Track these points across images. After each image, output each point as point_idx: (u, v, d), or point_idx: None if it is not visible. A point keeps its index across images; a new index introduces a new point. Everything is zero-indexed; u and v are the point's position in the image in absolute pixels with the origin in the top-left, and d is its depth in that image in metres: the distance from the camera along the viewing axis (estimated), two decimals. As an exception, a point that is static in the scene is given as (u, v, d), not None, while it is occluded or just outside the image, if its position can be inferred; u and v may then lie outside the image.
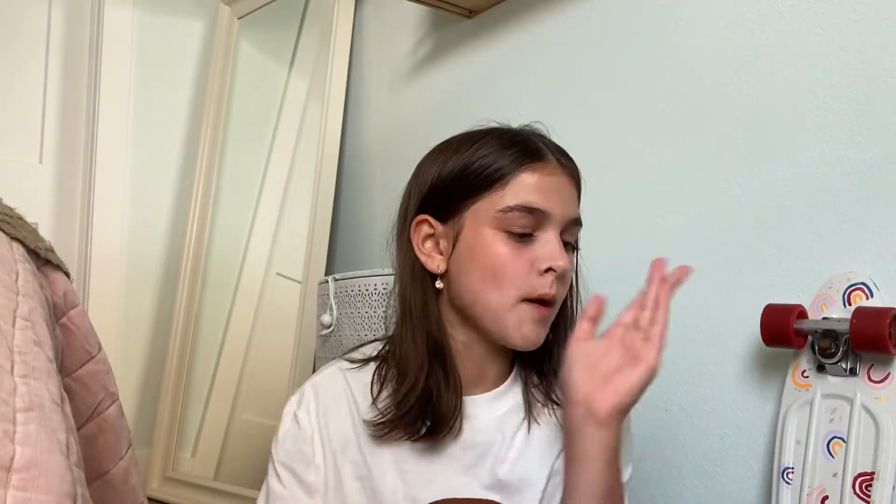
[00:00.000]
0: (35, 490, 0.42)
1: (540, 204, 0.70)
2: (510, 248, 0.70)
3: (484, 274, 0.71)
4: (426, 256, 0.74)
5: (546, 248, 0.70)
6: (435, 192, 0.74)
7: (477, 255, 0.71)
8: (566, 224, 0.72)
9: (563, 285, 0.72)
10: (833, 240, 0.86)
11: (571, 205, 0.73)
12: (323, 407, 0.76)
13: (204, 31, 2.07)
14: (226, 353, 1.86)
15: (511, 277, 0.70)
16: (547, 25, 1.24)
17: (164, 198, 2.01)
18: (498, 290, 0.70)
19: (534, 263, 0.70)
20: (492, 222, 0.71)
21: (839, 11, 0.87)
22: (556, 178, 0.72)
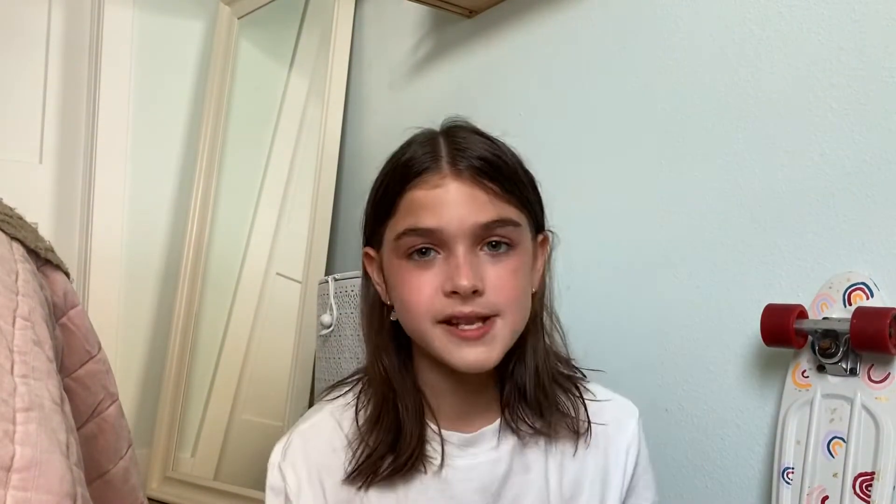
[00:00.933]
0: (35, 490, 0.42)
1: (428, 223, 0.64)
2: (414, 274, 0.66)
3: (400, 304, 0.68)
4: (380, 287, 0.71)
5: (449, 269, 0.65)
6: (365, 220, 0.72)
7: (394, 285, 0.68)
8: (475, 232, 0.65)
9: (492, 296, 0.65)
10: (833, 240, 0.86)
11: (474, 211, 0.65)
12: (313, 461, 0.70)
13: (204, 31, 2.07)
14: (226, 353, 1.86)
15: (419, 304, 0.65)
16: (547, 25, 1.24)
17: (164, 198, 2.01)
18: (414, 318, 0.67)
19: (439, 286, 0.65)
20: (394, 251, 0.67)
21: (839, 11, 0.87)
22: (445, 189, 0.65)
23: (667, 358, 1.03)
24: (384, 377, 0.70)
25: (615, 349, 1.09)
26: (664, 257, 1.04)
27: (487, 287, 0.65)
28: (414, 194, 0.66)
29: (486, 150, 0.67)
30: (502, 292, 0.66)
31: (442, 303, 0.65)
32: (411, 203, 0.66)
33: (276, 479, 0.70)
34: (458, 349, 0.65)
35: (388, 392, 0.69)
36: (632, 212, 1.09)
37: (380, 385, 0.70)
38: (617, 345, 1.09)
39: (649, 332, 1.05)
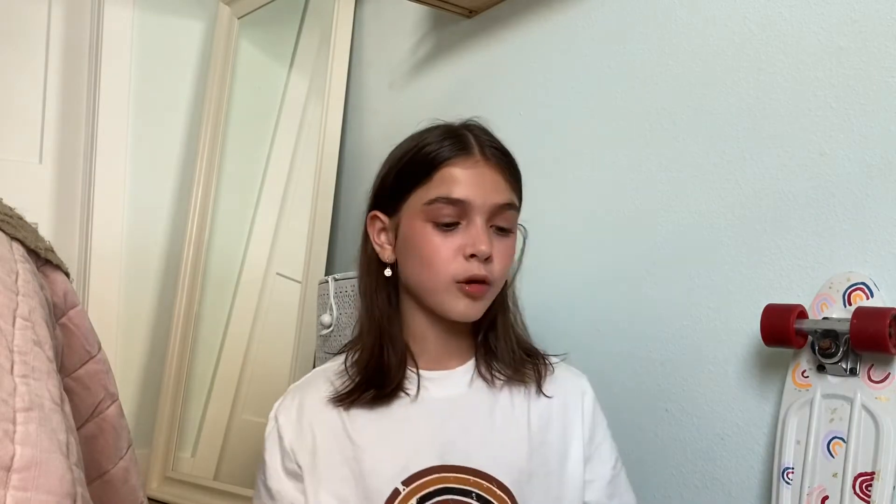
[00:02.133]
0: (35, 490, 0.42)
1: (460, 194, 0.77)
2: (438, 237, 0.78)
3: (420, 261, 0.79)
4: (380, 248, 0.83)
5: (469, 236, 0.78)
6: (381, 188, 0.84)
7: (412, 244, 0.80)
8: (492, 210, 0.79)
9: (496, 265, 0.79)
10: (833, 240, 0.86)
11: (495, 192, 0.79)
12: (301, 400, 0.83)
13: (204, 31, 2.07)
14: (226, 353, 1.86)
15: (440, 263, 0.78)
16: (547, 25, 1.24)
17: (164, 198, 2.02)
18: (432, 274, 0.78)
19: (459, 249, 0.78)
20: (421, 214, 0.79)
21: (839, 11, 0.87)
22: (478, 170, 0.78)
23: (667, 358, 1.03)
24: (377, 322, 0.82)
25: (615, 349, 1.09)
26: (664, 257, 1.04)
27: (494, 257, 0.79)
28: (451, 169, 0.78)
29: (503, 146, 0.83)
30: (501, 264, 0.80)
31: (461, 264, 0.78)
32: (447, 176, 0.78)
33: (271, 427, 0.84)
34: (463, 302, 0.79)
35: (377, 335, 0.82)
36: (632, 212, 1.09)
37: (371, 329, 0.82)
38: (617, 345, 1.09)
39: (649, 332, 1.05)
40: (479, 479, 0.78)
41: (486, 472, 0.79)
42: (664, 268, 1.04)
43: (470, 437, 0.80)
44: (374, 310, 0.83)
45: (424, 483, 0.78)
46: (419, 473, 0.78)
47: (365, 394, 0.80)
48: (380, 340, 0.82)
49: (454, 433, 0.80)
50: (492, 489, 0.78)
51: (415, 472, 0.78)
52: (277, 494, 0.81)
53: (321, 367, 0.89)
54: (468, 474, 0.79)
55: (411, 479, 0.77)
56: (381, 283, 0.83)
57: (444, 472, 0.78)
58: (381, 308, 0.83)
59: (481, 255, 0.77)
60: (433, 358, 0.84)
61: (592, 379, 0.90)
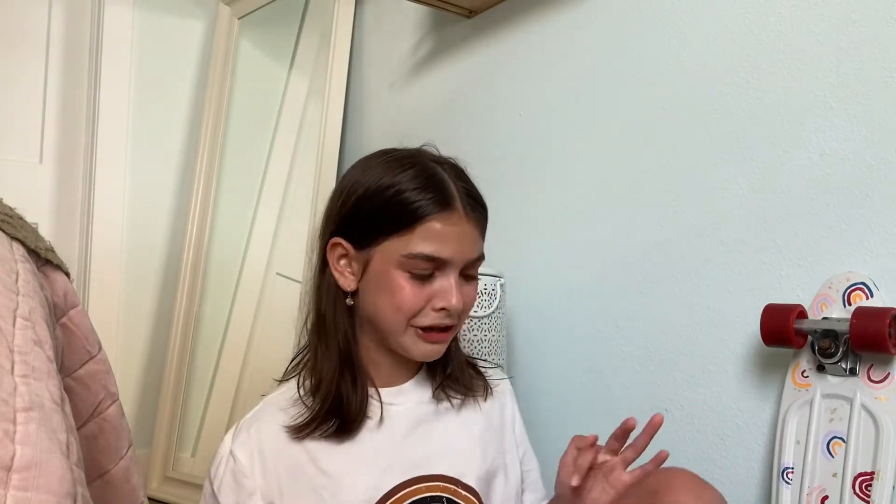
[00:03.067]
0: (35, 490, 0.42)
1: (442, 253, 0.77)
2: (410, 286, 0.77)
3: (386, 302, 0.78)
4: (339, 274, 0.81)
5: (443, 290, 0.78)
6: (350, 219, 0.81)
7: (382, 285, 0.79)
8: (466, 265, 0.80)
9: (462, 314, 0.81)
10: (833, 240, 0.86)
11: (472, 248, 0.80)
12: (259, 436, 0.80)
13: (204, 31, 2.07)
14: (226, 353, 1.86)
15: (407, 311, 0.78)
16: (547, 25, 1.24)
17: (164, 197, 2.02)
18: (395, 317, 0.78)
19: (430, 300, 0.78)
20: (397, 263, 0.77)
21: (839, 11, 0.87)
22: (460, 228, 0.78)
23: (667, 358, 1.03)
24: (338, 351, 0.81)
25: (615, 349, 1.09)
26: (664, 257, 1.04)
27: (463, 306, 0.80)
28: (433, 224, 0.77)
29: (478, 195, 0.82)
30: (467, 309, 0.82)
31: (428, 314, 0.78)
32: (430, 232, 0.77)
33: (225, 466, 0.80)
34: (421, 346, 0.80)
35: (338, 363, 0.80)
36: (631, 212, 1.09)
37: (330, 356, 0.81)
38: (617, 345, 1.09)
39: (649, 332, 1.05)
40: (447, 483, 0.81)
41: (451, 475, 0.81)
42: (664, 268, 1.04)
43: (431, 446, 0.82)
44: (335, 337, 0.81)
45: (397, 499, 0.78)
46: (391, 492, 0.78)
47: (327, 425, 0.79)
48: (340, 368, 0.80)
49: (417, 446, 0.82)
50: (458, 492, 0.81)
51: (386, 490, 0.78)
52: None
53: (269, 397, 0.86)
54: (436, 481, 0.80)
55: (385, 498, 0.78)
56: (343, 310, 0.82)
57: (414, 485, 0.79)
58: (343, 336, 0.81)
59: (454, 311, 0.78)
60: (385, 377, 0.84)
61: (592, 379, 0.90)
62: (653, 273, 1.06)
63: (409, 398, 0.84)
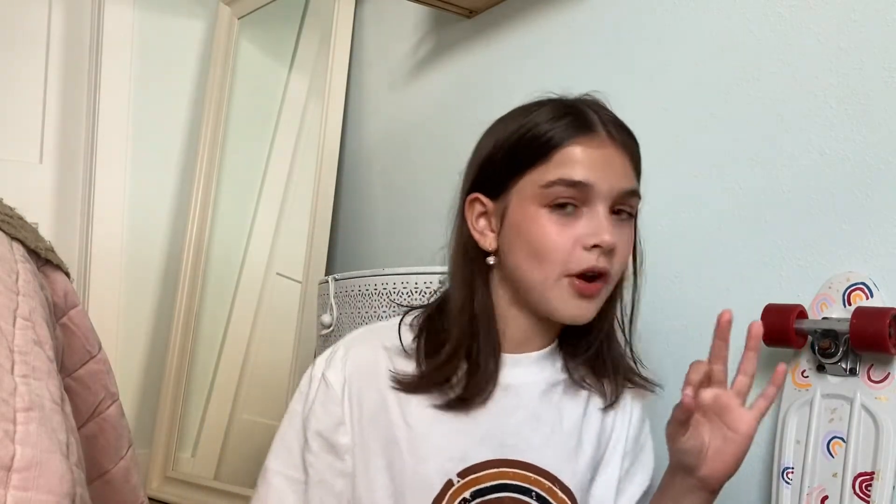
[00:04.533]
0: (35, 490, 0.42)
1: (583, 177, 0.67)
2: (554, 224, 0.68)
3: (528, 251, 0.69)
4: (479, 234, 0.73)
5: (592, 224, 0.68)
6: (484, 169, 0.74)
7: (522, 231, 0.70)
8: (617, 197, 0.69)
9: (615, 260, 0.70)
10: (833, 240, 0.86)
11: (621, 177, 0.70)
12: (354, 366, 0.73)
13: (204, 31, 2.07)
14: (226, 353, 1.86)
15: (554, 254, 0.68)
16: (547, 25, 1.24)
17: (164, 198, 2.02)
18: (541, 267, 0.69)
19: (579, 239, 0.68)
20: (536, 198, 0.69)
21: (839, 11, 0.87)
22: (604, 151, 0.69)
23: (666, 358, 1.03)
24: (473, 316, 0.72)
25: (615, 349, 1.09)
26: (664, 257, 1.04)
27: (616, 249, 0.69)
28: (574, 149, 0.68)
29: (627, 126, 0.73)
30: (622, 258, 0.71)
31: (581, 257, 0.68)
32: (570, 155, 0.68)
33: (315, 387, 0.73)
34: (574, 302, 0.69)
35: (472, 330, 0.72)
36: (632, 212, 1.09)
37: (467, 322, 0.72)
38: (617, 345, 1.09)
39: (649, 332, 1.05)
40: (541, 477, 0.72)
41: (549, 471, 0.72)
42: (664, 268, 1.04)
43: (535, 432, 0.73)
44: (473, 300, 0.72)
45: (481, 477, 0.70)
46: (476, 466, 0.70)
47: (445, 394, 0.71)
48: (474, 336, 0.71)
49: (519, 426, 0.72)
50: (553, 490, 0.72)
51: (472, 464, 0.70)
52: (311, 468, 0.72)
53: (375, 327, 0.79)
54: (529, 471, 0.72)
55: (467, 471, 0.70)
56: (482, 273, 0.73)
57: (503, 467, 0.71)
58: (481, 300, 0.72)
59: (606, 246, 0.68)
60: (512, 342, 0.75)
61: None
62: (652, 273, 1.06)
63: (531, 370, 0.75)
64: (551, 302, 0.70)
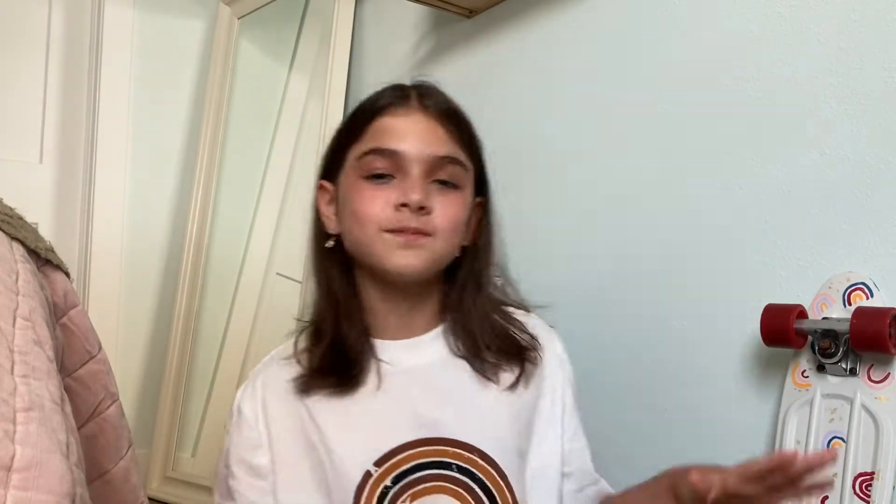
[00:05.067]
0: (35, 490, 0.42)
1: (392, 144, 0.73)
2: (369, 190, 0.74)
3: (352, 217, 0.75)
4: (326, 219, 0.79)
5: (402, 186, 0.73)
6: (326, 155, 0.80)
7: (347, 202, 0.76)
8: (431, 163, 0.74)
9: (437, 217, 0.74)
10: (833, 240, 0.86)
11: (433, 143, 0.74)
12: (263, 389, 0.78)
13: (204, 31, 2.07)
14: (226, 353, 1.86)
15: (369, 214, 0.73)
16: (547, 25, 1.24)
17: (164, 197, 2.01)
18: (361, 228, 0.74)
19: (389, 200, 0.73)
20: (355, 171, 0.75)
21: (839, 11, 0.87)
22: (413, 119, 0.74)
23: (667, 358, 1.03)
24: (331, 297, 0.77)
25: (615, 349, 1.09)
26: (664, 257, 1.04)
27: (433, 209, 0.73)
28: (383, 121, 0.75)
29: (449, 101, 0.78)
30: (443, 217, 0.74)
31: (391, 214, 0.73)
32: (379, 127, 0.75)
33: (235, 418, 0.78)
34: (392, 253, 0.73)
35: (333, 310, 0.77)
36: (632, 211, 1.09)
37: (326, 304, 0.78)
38: (617, 344, 1.09)
39: (649, 332, 1.05)
40: (460, 449, 0.73)
41: (467, 441, 0.73)
42: (664, 268, 1.04)
43: (444, 406, 0.75)
44: (327, 282, 0.78)
45: (398, 461, 0.72)
46: (392, 452, 0.72)
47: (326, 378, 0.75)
48: (335, 315, 0.76)
49: (427, 404, 0.75)
50: (474, 459, 0.73)
51: (387, 451, 0.72)
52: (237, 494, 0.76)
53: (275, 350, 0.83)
54: (446, 445, 0.73)
55: (383, 459, 0.72)
56: (331, 255, 0.78)
57: (419, 447, 0.73)
58: (335, 280, 0.77)
59: (413, 204, 0.72)
60: (396, 327, 0.78)
61: (592, 379, 0.90)
62: (652, 273, 1.06)
63: (425, 351, 0.78)
64: (377, 256, 0.74)
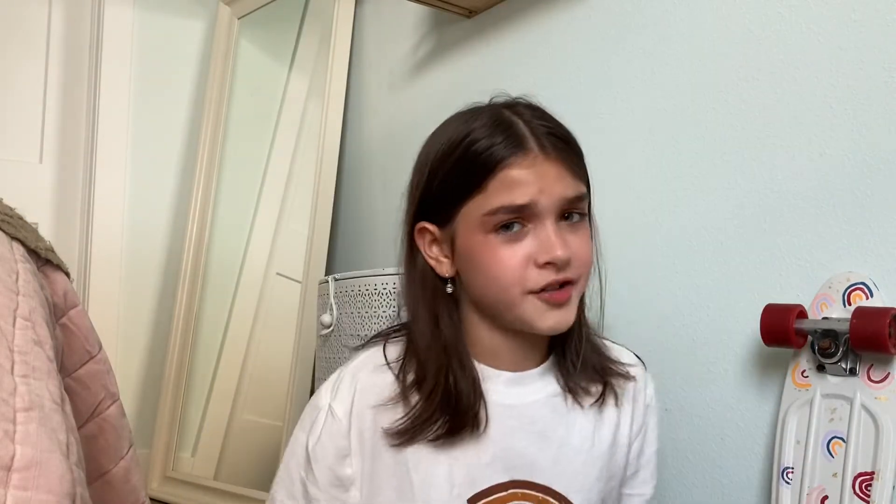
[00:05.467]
0: (35, 489, 0.42)
1: (524, 199, 0.67)
2: (504, 249, 0.68)
3: (486, 277, 0.70)
4: (435, 261, 0.73)
5: (541, 240, 0.68)
6: (425, 198, 0.73)
7: (475, 258, 0.70)
8: (561, 206, 0.69)
9: (575, 266, 0.69)
10: (833, 240, 0.86)
11: (562, 186, 0.69)
12: (358, 396, 0.72)
13: (204, 31, 2.07)
14: (226, 353, 1.86)
15: (510, 278, 0.68)
16: (547, 25, 1.24)
17: (164, 198, 2.02)
18: (503, 291, 0.69)
19: (530, 257, 0.68)
20: (481, 226, 0.69)
21: (839, 11, 0.87)
22: (538, 168, 0.68)
23: (667, 358, 1.03)
24: (443, 346, 0.71)
25: (615, 349, 1.09)
26: (664, 257, 1.04)
27: (572, 255, 0.69)
28: (508, 173, 0.68)
29: (560, 129, 0.72)
30: (583, 259, 0.71)
31: (535, 273, 0.68)
32: (505, 181, 0.68)
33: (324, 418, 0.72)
34: (545, 314, 0.69)
35: (445, 360, 0.71)
36: (631, 212, 1.09)
37: (437, 353, 0.71)
38: (617, 345, 1.09)
39: (649, 332, 1.05)
40: (549, 496, 0.72)
41: (558, 490, 0.72)
42: (664, 268, 1.04)
43: (542, 451, 0.73)
44: (439, 331, 0.72)
45: (491, 501, 0.71)
46: (486, 491, 0.71)
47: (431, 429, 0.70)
48: (448, 365, 0.71)
49: (525, 446, 0.72)
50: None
51: (481, 489, 0.70)
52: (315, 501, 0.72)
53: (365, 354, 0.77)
54: (538, 491, 0.72)
55: (477, 497, 0.70)
56: (443, 299, 0.73)
57: (513, 489, 0.71)
58: (448, 329, 0.72)
59: (559, 262, 0.68)
60: (505, 362, 0.74)
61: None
62: (652, 273, 1.06)
63: (533, 387, 0.74)
64: (526, 319, 0.70)
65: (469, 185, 0.69)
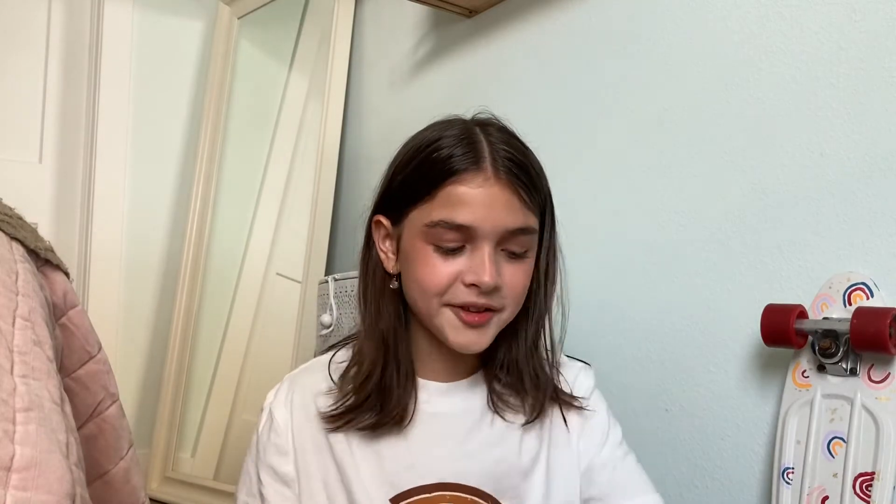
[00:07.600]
0: (35, 490, 0.42)
1: (464, 219, 0.68)
2: (437, 259, 0.70)
3: (416, 283, 0.72)
4: (384, 255, 0.76)
5: (474, 262, 0.69)
6: (385, 194, 0.76)
7: (410, 262, 0.72)
8: (502, 236, 0.70)
9: (502, 296, 0.71)
10: (833, 240, 0.86)
11: (507, 214, 0.69)
12: (295, 399, 0.78)
13: (204, 31, 2.07)
14: (226, 353, 1.86)
15: (435, 288, 0.70)
16: (547, 25, 1.24)
17: (164, 197, 2.02)
18: (425, 298, 0.72)
19: (459, 275, 0.70)
20: (421, 235, 0.71)
21: (839, 11, 0.87)
22: (487, 191, 0.69)
23: (667, 358, 1.03)
24: (382, 338, 0.74)
25: (615, 349, 1.09)
26: (664, 257, 1.04)
27: (503, 284, 0.70)
28: (456, 189, 0.69)
29: (522, 157, 0.72)
30: (512, 291, 0.72)
31: (459, 291, 0.70)
32: (451, 196, 0.69)
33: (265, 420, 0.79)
34: (457, 331, 0.71)
35: (382, 352, 0.74)
36: (632, 211, 1.09)
37: (376, 345, 0.74)
38: (617, 344, 1.09)
39: (649, 332, 1.05)
40: (478, 498, 0.73)
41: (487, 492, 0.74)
42: (664, 267, 1.04)
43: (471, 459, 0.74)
44: (379, 322, 0.74)
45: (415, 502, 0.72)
46: (409, 492, 0.72)
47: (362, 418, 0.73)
48: (384, 358, 0.74)
49: (449, 455, 0.74)
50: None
51: (404, 489, 0.72)
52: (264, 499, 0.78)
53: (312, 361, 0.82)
54: (465, 493, 0.73)
55: (399, 498, 0.72)
56: (388, 293, 0.75)
57: (438, 491, 0.73)
58: (387, 322, 0.74)
59: (484, 287, 0.69)
60: (438, 371, 0.77)
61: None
62: (652, 273, 1.06)
63: (462, 396, 0.77)
64: (442, 331, 0.72)
65: (420, 191, 0.71)
